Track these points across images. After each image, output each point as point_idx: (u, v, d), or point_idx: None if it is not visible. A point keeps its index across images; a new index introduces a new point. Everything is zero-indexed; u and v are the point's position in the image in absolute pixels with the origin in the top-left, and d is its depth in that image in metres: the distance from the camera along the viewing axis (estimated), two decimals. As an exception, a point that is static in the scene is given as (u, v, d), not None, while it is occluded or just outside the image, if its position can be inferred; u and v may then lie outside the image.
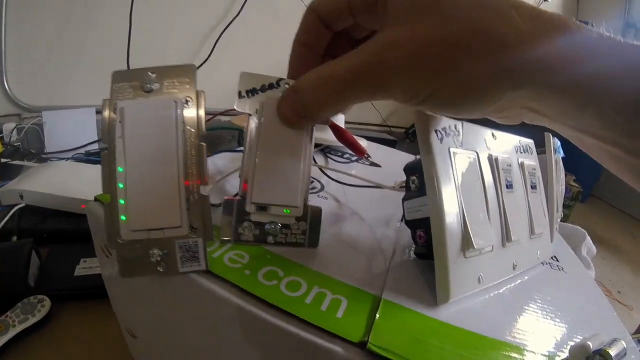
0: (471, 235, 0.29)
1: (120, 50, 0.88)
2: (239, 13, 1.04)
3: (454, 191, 0.29)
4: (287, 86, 0.30)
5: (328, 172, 0.46)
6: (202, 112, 0.25)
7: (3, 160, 0.73)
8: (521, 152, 0.39)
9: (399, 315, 0.25)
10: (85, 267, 0.56)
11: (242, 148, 0.33)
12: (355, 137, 0.50)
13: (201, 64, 1.03)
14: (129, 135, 0.24)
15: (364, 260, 0.31)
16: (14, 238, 0.60)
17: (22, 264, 0.53)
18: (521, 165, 0.37)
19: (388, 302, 0.26)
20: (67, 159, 0.81)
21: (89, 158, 0.82)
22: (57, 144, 0.82)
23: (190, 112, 0.25)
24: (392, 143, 1.21)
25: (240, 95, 0.29)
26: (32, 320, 0.47)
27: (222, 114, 0.81)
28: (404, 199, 0.33)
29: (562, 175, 0.48)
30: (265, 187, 0.28)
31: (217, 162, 0.47)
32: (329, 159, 0.54)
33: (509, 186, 0.35)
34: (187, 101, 0.25)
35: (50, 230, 0.63)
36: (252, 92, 0.30)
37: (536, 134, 0.41)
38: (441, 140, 0.30)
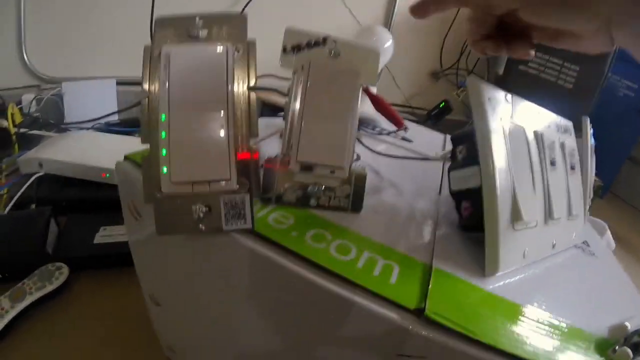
0: (520, 207, 0.28)
1: (141, 22, 0.86)
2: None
3: (505, 161, 0.28)
4: (334, 43, 0.29)
5: (366, 143, 0.44)
6: (253, 62, 0.24)
7: (22, 130, 0.72)
8: (562, 132, 0.38)
9: (450, 284, 0.24)
10: (105, 235, 0.55)
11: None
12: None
13: None
14: (174, 80, 0.23)
15: (408, 229, 0.30)
16: (33, 206, 0.59)
17: (40, 231, 0.52)
18: (562, 145, 0.36)
19: (439, 270, 0.25)
20: (87, 129, 0.80)
21: (110, 128, 0.81)
22: (76, 115, 0.81)
23: (240, 62, 0.24)
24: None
25: (285, 51, 0.28)
26: (50, 287, 0.46)
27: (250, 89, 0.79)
28: (449, 169, 0.32)
29: (594, 163, 0.47)
30: (311, 146, 0.27)
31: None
32: (360, 131, 0.52)
33: (553, 163, 0.34)
34: (237, 50, 0.24)
35: (69, 199, 0.62)
36: (297, 48, 0.28)
37: (572, 118, 0.40)
38: (494, 108, 0.29)
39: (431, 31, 1.21)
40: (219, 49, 0.23)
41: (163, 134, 0.23)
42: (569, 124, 0.40)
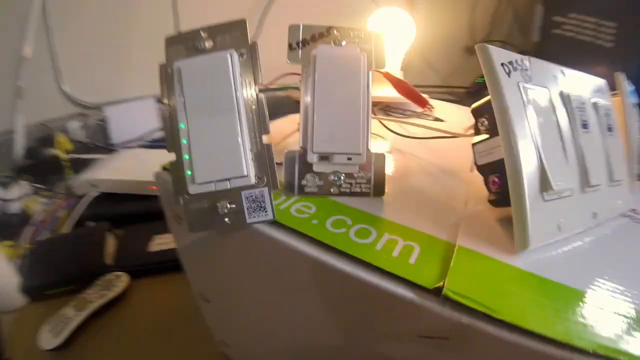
0: (549, 175, 0.26)
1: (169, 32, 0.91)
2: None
3: (527, 128, 0.27)
4: (336, 33, 0.29)
5: (391, 125, 0.44)
6: (257, 64, 0.25)
7: (73, 156, 0.79)
8: (594, 92, 0.35)
9: (474, 262, 0.24)
10: (158, 243, 0.59)
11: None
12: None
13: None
14: (186, 92, 0.25)
15: (434, 209, 0.30)
16: (91, 223, 0.65)
17: (98, 244, 0.57)
18: (595, 106, 0.34)
19: (463, 248, 0.25)
20: (133, 147, 0.86)
21: (153, 144, 0.86)
22: (121, 136, 0.87)
23: (245, 65, 0.25)
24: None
25: (291, 48, 0.29)
26: (110, 295, 0.51)
27: (276, 89, 0.81)
28: (473, 143, 0.31)
29: (637, 124, 0.43)
30: (326, 136, 0.27)
31: (278, 125, 0.47)
32: (390, 117, 0.52)
33: (585, 126, 0.31)
34: (241, 54, 0.25)
35: (123, 213, 0.67)
36: (302, 43, 0.29)
37: (606, 76, 0.38)
38: (509, 74, 0.28)
39: (457, 5, 1.17)
40: (222, 55, 0.24)
41: (184, 141, 0.25)
42: (601, 82, 0.37)
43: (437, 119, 0.48)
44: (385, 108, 0.54)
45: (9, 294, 0.51)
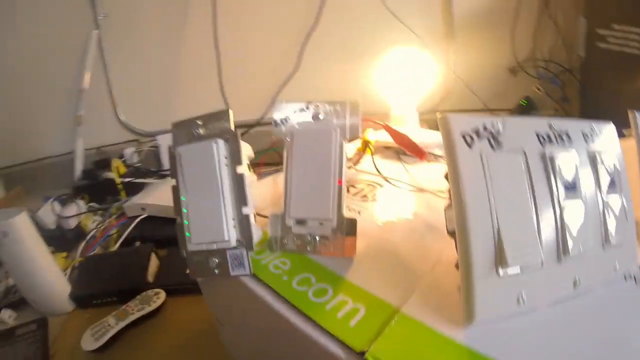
0: (505, 251, 0.25)
1: (213, 69, 1.00)
2: (316, 24, 1.09)
3: (485, 201, 0.26)
4: (315, 108, 0.33)
5: (385, 174, 0.47)
6: (238, 147, 0.30)
7: (127, 179, 0.90)
8: (593, 141, 0.32)
9: (411, 331, 0.25)
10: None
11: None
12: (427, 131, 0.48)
13: (290, 77, 1.11)
14: (185, 171, 0.31)
15: (399, 271, 0.32)
16: (138, 243, 0.74)
17: (142, 263, 0.66)
18: (593, 158, 0.31)
19: (404, 316, 0.27)
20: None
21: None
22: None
23: (229, 147, 0.31)
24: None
25: (276, 124, 0.34)
26: (148, 309, 0.59)
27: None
28: (445, 208, 0.31)
29: None
30: (300, 204, 0.32)
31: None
32: (401, 158, 0.53)
33: (570, 187, 0.30)
34: (226, 139, 0.30)
35: (167, 236, 0.74)
36: (285, 119, 0.34)
37: (617, 116, 0.35)
38: (470, 144, 0.27)
39: (496, 23, 1.13)
40: (208, 145, 0.30)
41: (184, 210, 0.31)
42: (607, 126, 0.34)
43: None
44: (399, 150, 0.55)
45: (59, 299, 0.61)
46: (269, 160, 0.66)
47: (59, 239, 0.76)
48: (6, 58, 1.01)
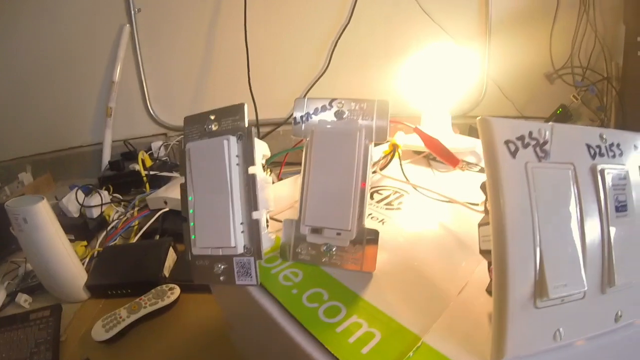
0: (547, 281, 0.22)
1: (243, 66, 0.99)
2: (347, 23, 1.06)
3: (528, 220, 0.23)
4: (339, 105, 0.30)
5: (413, 181, 0.44)
6: (252, 145, 0.28)
7: (152, 172, 0.90)
8: None
9: None
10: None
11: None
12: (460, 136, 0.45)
13: (320, 76, 1.10)
14: (193, 169, 0.28)
15: (422, 292, 0.28)
16: (157, 236, 0.73)
17: (159, 257, 0.65)
18: None
19: (426, 346, 0.23)
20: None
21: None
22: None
23: (243, 145, 0.28)
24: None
25: (295, 122, 0.31)
26: (161, 304, 0.58)
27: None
28: (480, 224, 0.28)
29: None
30: (317, 211, 0.29)
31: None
32: (431, 164, 0.50)
33: (621, 209, 0.26)
34: (240, 136, 0.28)
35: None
36: (306, 116, 0.31)
37: None
38: (514, 153, 0.24)
39: (534, 31, 1.07)
40: (220, 142, 0.28)
41: (191, 210, 0.29)
42: None
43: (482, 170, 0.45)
44: (429, 155, 0.52)
45: (75, 288, 0.62)
46: (294, 159, 0.64)
47: (81, 228, 0.77)
48: (43, 50, 1.04)
